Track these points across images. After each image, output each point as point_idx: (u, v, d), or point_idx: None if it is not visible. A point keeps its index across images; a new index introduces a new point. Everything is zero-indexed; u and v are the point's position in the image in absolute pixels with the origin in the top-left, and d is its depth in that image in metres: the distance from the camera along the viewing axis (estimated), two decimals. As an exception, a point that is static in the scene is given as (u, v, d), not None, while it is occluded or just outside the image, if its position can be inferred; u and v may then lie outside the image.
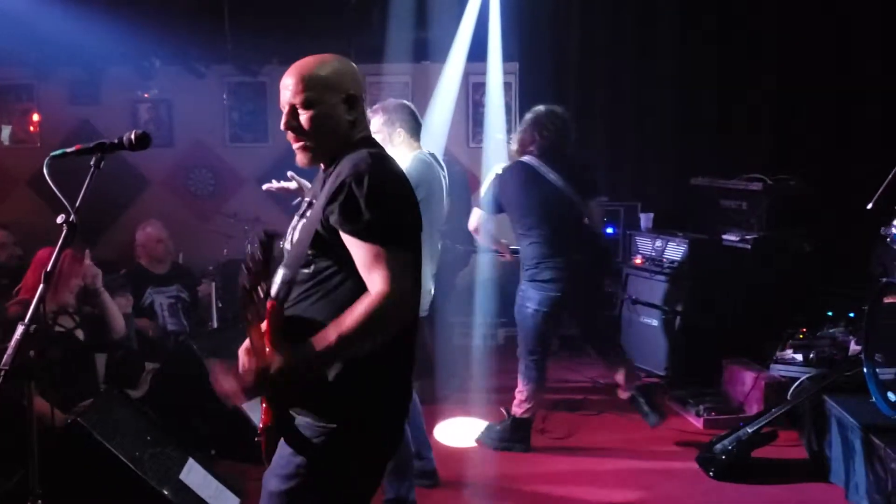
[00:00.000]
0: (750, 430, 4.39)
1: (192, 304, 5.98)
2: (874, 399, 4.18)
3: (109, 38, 5.85)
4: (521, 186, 4.49)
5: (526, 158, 4.54)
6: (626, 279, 6.13)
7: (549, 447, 4.76)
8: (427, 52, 6.89)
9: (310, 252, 2.08)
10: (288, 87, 2.15)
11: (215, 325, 5.99)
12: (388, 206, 2.01)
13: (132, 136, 2.30)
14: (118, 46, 6.10)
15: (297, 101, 2.13)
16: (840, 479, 4.16)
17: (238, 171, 7.34)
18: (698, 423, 4.98)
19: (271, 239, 2.06)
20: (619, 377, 4.82)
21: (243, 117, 7.43)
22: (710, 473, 4.33)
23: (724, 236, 5.75)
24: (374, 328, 1.95)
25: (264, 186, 3.79)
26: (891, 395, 4.11)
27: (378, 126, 3.73)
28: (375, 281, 1.96)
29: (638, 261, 6.00)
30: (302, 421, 2.08)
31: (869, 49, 6.22)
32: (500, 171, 4.63)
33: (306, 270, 2.09)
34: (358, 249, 2.00)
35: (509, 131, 6.09)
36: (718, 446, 4.40)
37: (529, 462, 4.56)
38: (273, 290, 2.09)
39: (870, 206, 4.52)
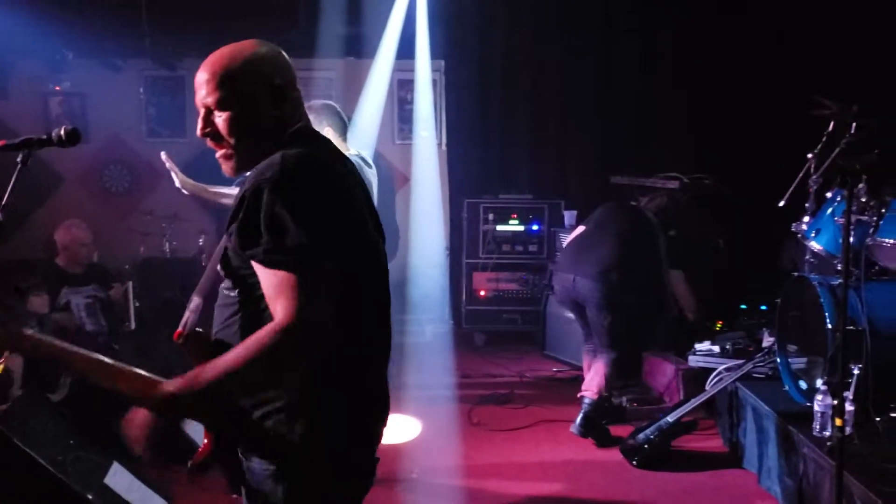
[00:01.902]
0: (671, 420, 4.55)
1: (110, 303, 5.80)
2: (787, 387, 4.40)
3: (18, 28, 5.63)
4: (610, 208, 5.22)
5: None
6: (550, 275, 6.26)
7: (478, 441, 4.82)
8: (352, 48, 6.87)
9: (222, 273, 1.84)
10: (201, 86, 1.85)
11: (133, 325, 5.84)
12: (297, 222, 1.68)
13: (62, 133, 2.20)
14: (28, 38, 5.88)
15: (212, 101, 1.83)
16: (753, 464, 4.35)
17: (155, 167, 7.14)
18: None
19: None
20: (588, 378, 4.90)
21: (161, 112, 7.27)
22: (634, 462, 4.46)
23: (644, 233, 5.90)
24: (268, 363, 1.66)
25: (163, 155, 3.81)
26: (802, 384, 4.33)
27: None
28: (278, 311, 1.68)
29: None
30: (248, 464, 1.84)
31: (781, 51, 6.50)
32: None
33: (231, 294, 1.83)
34: (261, 275, 1.72)
35: (436, 129, 6.14)
36: (641, 436, 4.54)
37: (460, 456, 4.61)
38: (183, 319, 1.98)
39: (782, 203, 4.76)
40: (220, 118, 1.84)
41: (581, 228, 5.15)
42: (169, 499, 3.78)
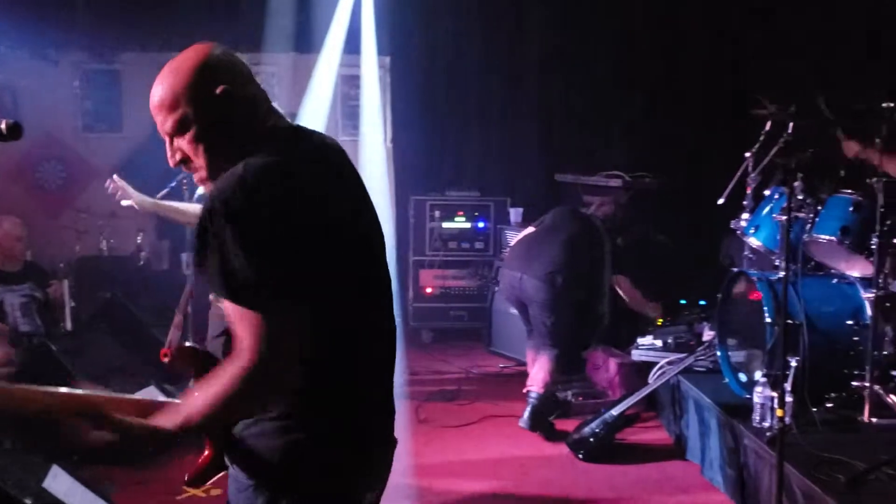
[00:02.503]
0: (615, 413, 4.63)
1: (46, 303, 5.64)
2: (727, 380, 4.51)
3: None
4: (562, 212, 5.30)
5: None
6: (496, 272, 6.30)
7: (426, 438, 4.83)
8: (297, 42, 6.80)
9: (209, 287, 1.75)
10: (156, 114, 1.74)
11: (69, 326, 5.69)
12: (251, 253, 1.56)
13: (2, 127, 2.11)
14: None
15: (170, 127, 1.72)
16: (696, 456, 4.46)
17: (91, 163, 6.98)
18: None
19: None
20: (532, 373, 4.94)
21: (97, 106, 7.08)
22: (580, 456, 4.53)
23: (588, 230, 5.98)
24: (237, 402, 1.62)
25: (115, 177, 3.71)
26: (742, 376, 4.45)
27: None
28: (238, 346, 1.60)
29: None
30: (233, 471, 1.79)
31: (721, 51, 6.66)
32: None
33: (220, 304, 1.71)
34: (223, 303, 1.62)
35: (382, 126, 6.12)
36: (586, 430, 4.60)
37: (408, 454, 4.60)
38: (168, 337, 1.92)
39: (721, 201, 4.88)
40: (183, 142, 1.74)
41: (531, 229, 5.22)
42: (110, 501, 3.69)
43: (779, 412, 3.21)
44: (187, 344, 1.86)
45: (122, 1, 6.01)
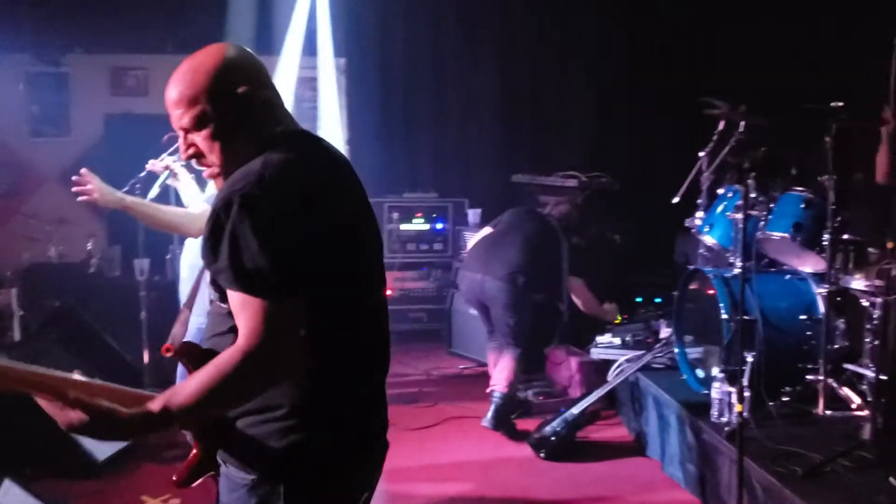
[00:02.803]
0: (576, 412, 4.67)
1: (-6, 312, 5.49)
2: (685, 377, 4.58)
3: None
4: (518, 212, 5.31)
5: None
6: (455, 273, 6.30)
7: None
8: (253, 44, 6.72)
9: (211, 286, 1.77)
10: (172, 108, 1.77)
11: (18, 335, 5.54)
12: (262, 245, 1.60)
13: None
14: None
15: (187, 122, 1.75)
16: (656, 452, 4.51)
17: (39, 168, 6.81)
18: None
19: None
20: (496, 372, 4.93)
21: (44, 110, 6.90)
22: (542, 455, 4.55)
23: (546, 230, 6.02)
24: (233, 387, 1.62)
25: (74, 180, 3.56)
26: (699, 372, 4.52)
27: None
28: (240, 329, 1.63)
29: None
30: (225, 470, 1.78)
31: (674, 54, 6.76)
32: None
33: (221, 305, 1.74)
34: (228, 292, 1.66)
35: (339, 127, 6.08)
36: (548, 429, 4.63)
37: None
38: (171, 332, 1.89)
39: (676, 199, 4.95)
40: (199, 137, 1.76)
41: (488, 230, 5.23)
42: (66, 516, 3.61)
43: (738, 407, 3.25)
44: (189, 341, 1.85)
45: (67, 2, 5.87)
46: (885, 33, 3.26)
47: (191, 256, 3.62)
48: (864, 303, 3.98)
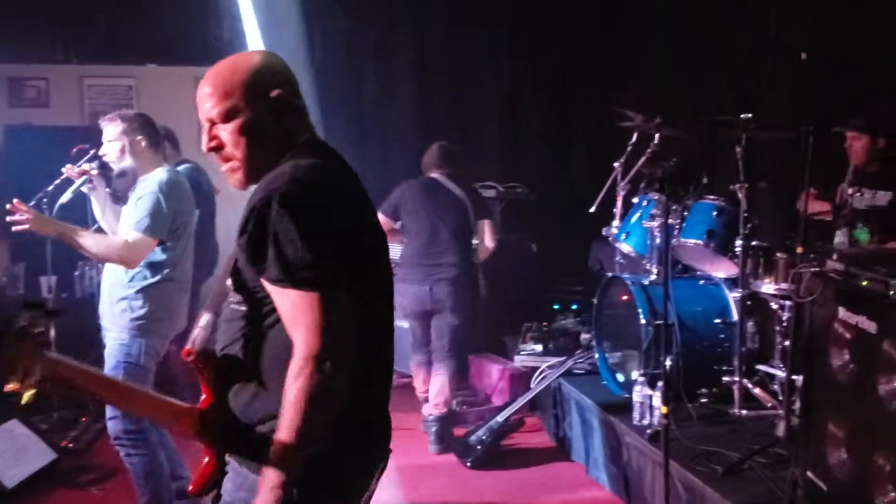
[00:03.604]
0: (500, 420, 4.72)
1: None
2: (606, 381, 4.69)
3: None
4: (423, 197, 4.95)
5: (435, 175, 5.00)
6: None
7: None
8: (153, 53, 6.54)
9: (231, 288, 1.77)
10: (203, 100, 1.81)
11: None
12: (307, 239, 1.63)
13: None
14: None
15: (216, 114, 1.79)
16: (581, 456, 4.60)
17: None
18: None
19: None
20: (433, 394, 4.88)
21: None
22: (468, 464, 4.57)
23: (466, 240, 6.07)
24: (320, 405, 1.61)
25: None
26: (620, 376, 4.63)
27: (116, 135, 3.52)
28: (299, 339, 1.62)
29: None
30: (237, 468, 1.78)
31: (587, 67, 6.94)
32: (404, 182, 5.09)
33: (240, 308, 1.76)
34: (275, 296, 1.67)
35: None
36: (473, 437, 4.66)
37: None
38: (191, 336, 1.84)
39: (593, 209, 5.07)
40: (225, 130, 1.80)
41: (389, 220, 4.96)
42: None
43: (663, 409, 3.35)
44: (209, 347, 1.85)
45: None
46: (793, 47, 3.43)
47: (110, 276, 3.50)
48: (774, 305, 4.17)
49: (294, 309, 1.64)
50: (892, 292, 2.36)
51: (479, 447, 4.61)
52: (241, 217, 1.73)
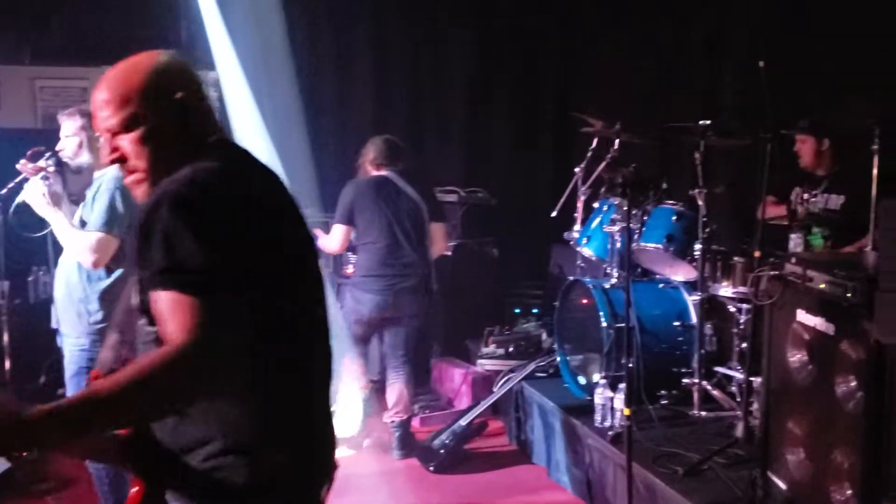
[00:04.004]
0: (463, 424, 4.73)
1: None
2: (567, 384, 4.73)
3: None
4: (378, 198, 4.67)
5: (386, 173, 4.74)
6: (339, 290, 6.23)
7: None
8: (107, 54, 6.41)
9: (137, 307, 1.65)
10: (100, 108, 1.68)
11: None
12: (197, 241, 1.51)
13: None
14: None
15: (115, 123, 1.68)
16: (542, 459, 4.63)
17: None
18: (415, 422, 5.21)
19: None
20: (392, 402, 4.84)
21: None
22: (431, 468, 4.58)
23: (427, 244, 6.08)
24: (158, 388, 1.45)
25: None
26: (581, 379, 4.68)
27: (75, 130, 3.46)
28: (169, 331, 1.49)
29: (349, 270, 6.12)
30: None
31: (548, 73, 7.00)
32: (351, 182, 4.78)
33: (149, 329, 1.62)
34: (156, 301, 1.52)
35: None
36: (436, 441, 4.66)
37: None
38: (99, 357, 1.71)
39: (554, 213, 5.12)
40: (126, 140, 1.69)
41: (347, 228, 4.79)
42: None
43: (626, 411, 3.40)
44: (117, 367, 1.70)
45: None
46: (752, 55, 3.51)
47: (65, 279, 3.43)
48: (731, 308, 4.25)
49: (172, 309, 1.49)
50: (849, 295, 2.42)
51: (441, 451, 4.61)
52: None
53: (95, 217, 3.29)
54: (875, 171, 3.29)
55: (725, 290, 4.18)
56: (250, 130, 6.11)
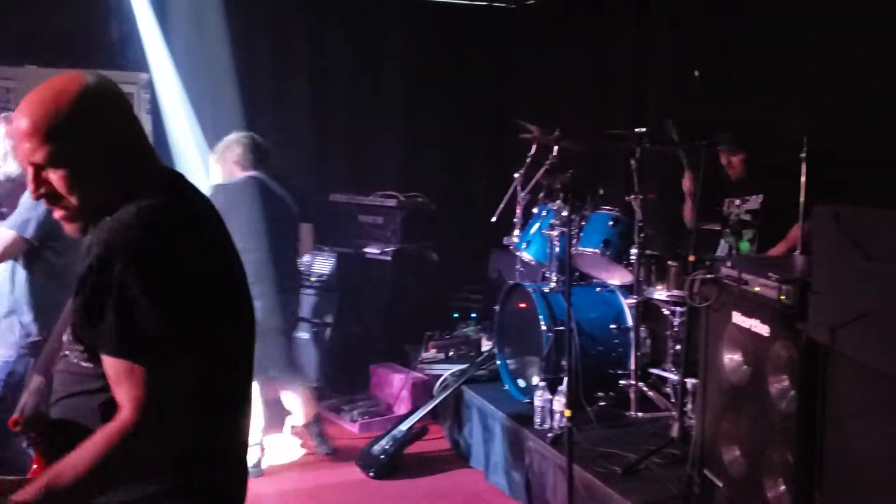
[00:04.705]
0: (403, 429, 4.72)
1: None
2: (507, 387, 4.77)
3: None
4: (252, 201, 4.37)
5: (255, 174, 4.47)
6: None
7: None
8: (32, 53, 6.21)
9: (73, 342, 1.58)
10: (24, 139, 1.54)
11: None
12: (154, 307, 1.45)
13: None
14: None
15: (40, 158, 1.54)
16: (481, 462, 4.66)
17: None
18: (354, 429, 5.19)
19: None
20: (297, 405, 4.80)
21: None
22: (371, 474, 4.56)
23: (367, 249, 6.07)
24: (117, 466, 1.47)
25: None
26: (520, 382, 4.73)
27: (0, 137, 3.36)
28: (122, 401, 1.47)
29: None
30: None
31: (487, 79, 7.06)
32: (219, 185, 4.45)
33: (86, 365, 1.57)
34: (104, 359, 1.49)
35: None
36: (376, 447, 4.65)
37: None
38: (20, 403, 1.65)
39: (494, 219, 5.16)
40: (55, 175, 1.56)
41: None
42: None
43: (567, 413, 3.44)
44: (42, 411, 1.65)
45: None
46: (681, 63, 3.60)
47: None
48: (665, 311, 4.36)
49: (122, 376, 1.47)
50: (783, 297, 2.51)
51: (382, 457, 4.60)
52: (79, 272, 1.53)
53: (15, 215, 3.20)
54: (803, 179, 3.41)
55: (660, 293, 4.28)
56: (184, 133, 5.99)
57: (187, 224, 1.60)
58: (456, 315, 6.25)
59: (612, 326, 4.57)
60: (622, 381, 4.38)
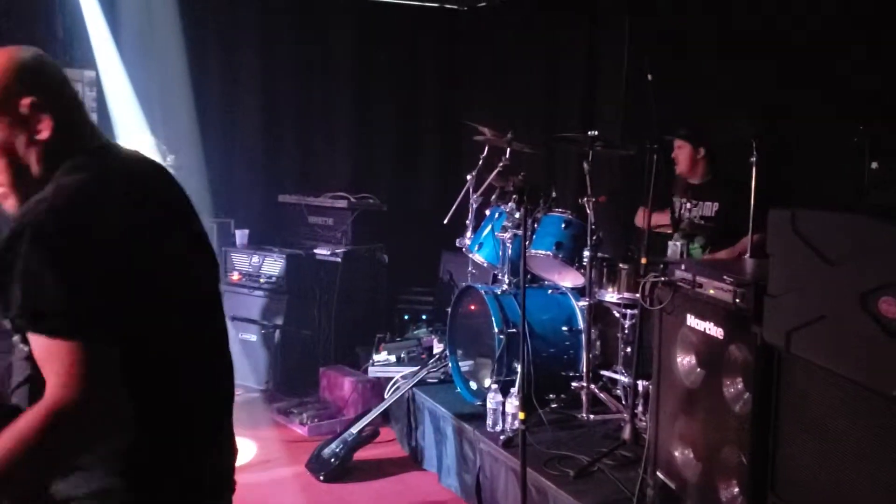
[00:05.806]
0: (354, 432, 4.66)
1: None
2: (459, 389, 4.75)
3: None
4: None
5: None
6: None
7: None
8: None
9: (8, 325, 1.50)
10: None
11: None
12: (62, 281, 1.39)
13: None
14: None
15: None
16: (433, 465, 4.63)
17: None
18: (303, 432, 5.11)
19: None
20: None
21: None
22: (321, 478, 4.49)
23: (316, 251, 5.99)
24: (42, 454, 1.37)
25: None
26: (472, 384, 4.71)
27: None
28: (49, 380, 1.39)
29: (235, 277, 5.95)
30: None
31: (438, 81, 7.04)
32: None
33: (23, 347, 1.48)
34: (31, 339, 1.43)
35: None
36: (326, 451, 4.58)
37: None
38: None
39: (446, 221, 5.14)
40: None
41: None
42: None
43: (521, 415, 3.43)
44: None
45: None
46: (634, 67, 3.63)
47: None
48: (616, 314, 4.38)
49: (46, 355, 1.40)
50: (738, 300, 2.54)
51: (332, 460, 4.54)
52: None
53: None
54: (753, 183, 3.46)
55: (611, 296, 4.31)
56: (133, 132, 5.85)
57: (104, 201, 1.51)
58: (406, 317, 6.22)
59: (564, 329, 4.58)
60: (574, 384, 4.39)
